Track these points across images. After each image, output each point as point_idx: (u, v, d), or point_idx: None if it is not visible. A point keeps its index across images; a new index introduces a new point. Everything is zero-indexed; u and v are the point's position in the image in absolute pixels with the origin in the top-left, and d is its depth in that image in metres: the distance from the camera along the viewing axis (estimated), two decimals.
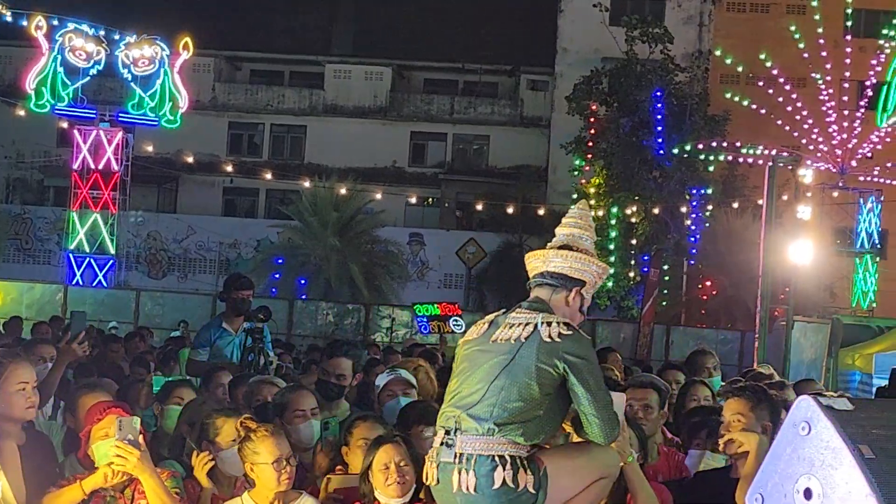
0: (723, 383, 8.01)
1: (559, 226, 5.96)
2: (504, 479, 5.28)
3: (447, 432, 5.51)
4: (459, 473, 5.38)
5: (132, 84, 38.95)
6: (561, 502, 5.44)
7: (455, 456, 5.42)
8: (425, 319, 26.65)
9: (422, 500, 6.30)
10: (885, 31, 41.79)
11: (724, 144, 41.45)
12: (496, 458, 5.32)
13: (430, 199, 53.39)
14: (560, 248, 5.80)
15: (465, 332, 5.87)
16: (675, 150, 41.39)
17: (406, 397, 8.36)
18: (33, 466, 6.41)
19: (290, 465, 6.47)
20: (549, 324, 5.49)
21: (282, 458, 6.43)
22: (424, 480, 5.71)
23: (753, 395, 7.00)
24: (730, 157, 42.06)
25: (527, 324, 5.55)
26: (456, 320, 26.33)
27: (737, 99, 41.17)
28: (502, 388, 5.42)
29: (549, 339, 5.45)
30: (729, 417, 6.78)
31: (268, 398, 8.43)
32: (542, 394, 5.39)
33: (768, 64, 39.62)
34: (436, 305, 27.36)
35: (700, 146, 41.26)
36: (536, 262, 5.85)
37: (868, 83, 40.77)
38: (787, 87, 40.39)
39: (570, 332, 5.48)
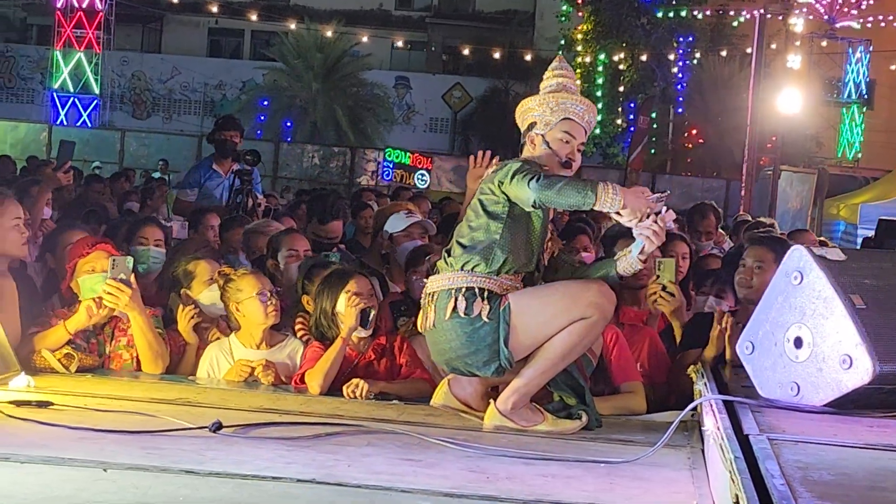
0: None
1: None
2: (456, 307, 5.29)
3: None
4: (425, 312, 5.46)
5: None
6: (535, 339, 5.35)
7: (425, 297, 5.51)
8: (391, 166, 26.26)
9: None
10: None
11: None
12: (453, 291, 5.33)
13: (417, 44, 52.92)
14: None
15: (427, 186, 5.91)
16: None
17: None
18: (23, 307, 6.38)
19: (274, 298, 6.54)
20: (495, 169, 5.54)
21: (265, 291, 6.49)
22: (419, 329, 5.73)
23: (777, 243, 7.17)
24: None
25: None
26: (422, 174, 25.79)
27: None
28: (459, 228, 5.52)
29: (486, 176, 5.53)
30: (750, 263, 6.92)
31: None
32: (490, 218, 5.36)
33: None
34: (408, 154, 26.90)
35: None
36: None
37: None
38: None
39: (502, 162, 5.51)
